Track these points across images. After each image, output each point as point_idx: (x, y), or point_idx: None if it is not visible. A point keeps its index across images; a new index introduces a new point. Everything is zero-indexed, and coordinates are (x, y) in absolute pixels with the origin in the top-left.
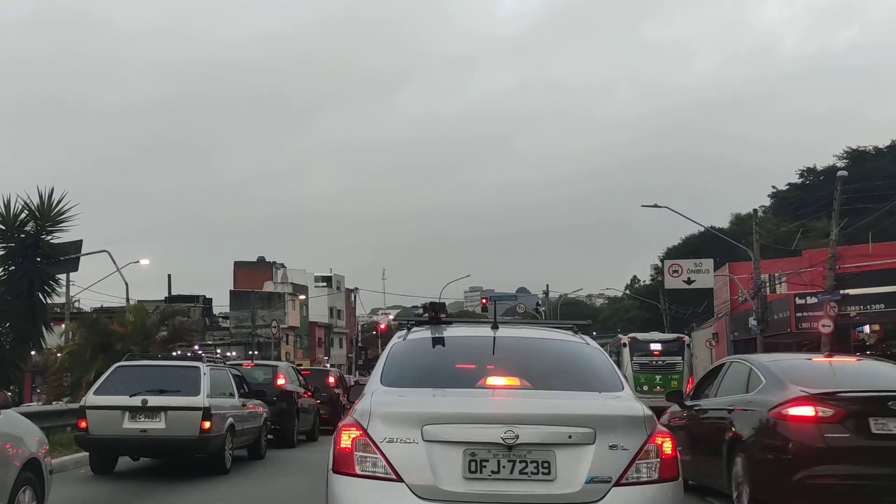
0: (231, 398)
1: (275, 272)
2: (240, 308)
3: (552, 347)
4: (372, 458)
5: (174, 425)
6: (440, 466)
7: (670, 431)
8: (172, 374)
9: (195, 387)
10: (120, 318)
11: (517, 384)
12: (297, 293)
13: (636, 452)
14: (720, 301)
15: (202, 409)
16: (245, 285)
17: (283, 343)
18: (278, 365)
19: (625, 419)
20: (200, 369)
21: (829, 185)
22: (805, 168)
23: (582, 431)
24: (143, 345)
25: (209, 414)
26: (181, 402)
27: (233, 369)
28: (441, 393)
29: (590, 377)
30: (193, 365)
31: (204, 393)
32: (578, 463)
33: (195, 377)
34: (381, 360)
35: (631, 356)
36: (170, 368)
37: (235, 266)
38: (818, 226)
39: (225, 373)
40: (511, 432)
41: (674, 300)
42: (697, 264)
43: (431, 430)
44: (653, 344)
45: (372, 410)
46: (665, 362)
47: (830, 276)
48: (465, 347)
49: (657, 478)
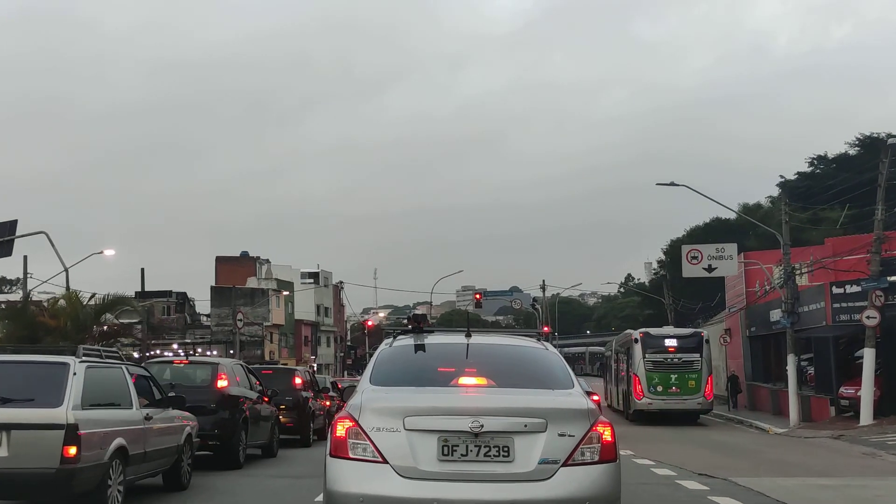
0: (126, 409)
1: (259, 267)
2: (221, 305)
3: (515, 352)
4: (362, 444)
5: (21, 452)
6: (419, 451)
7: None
8: (25, 375)
9: (57, 393)
10: (52, 308)
11: (484, 383)
12: (281, 290)
13: (580, 439)
14: (733, 294)
15: (65, 428)
16: (228, 281)
17: (268, 341)
18: (219, 362)
19: (572, 412)
20: (69, 367)
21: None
22: (815, 156)
23: (536, 422)
24: (77, 340)
25: (75, 435)
26: (32, 418)
27: (137, 368)
28: (420, 391)
29: (546, 377)
30: (58, 361)
31: (70, 402)
32: (532, 447)
33: (59, 379)
34: (371, 364)
35: (643, 354)
36: (21, 366)
37: (217, 261)
38: (831, 216)
39: (118, 372)
40: (477, 422)
41: (678, 294)
42: (719, 249)
43: (412, 420)
44: (668, 340)
45: (363, 405)
46: (682, 360)
47: (876, 261)
48: (442, 353)
49: (598, 459)
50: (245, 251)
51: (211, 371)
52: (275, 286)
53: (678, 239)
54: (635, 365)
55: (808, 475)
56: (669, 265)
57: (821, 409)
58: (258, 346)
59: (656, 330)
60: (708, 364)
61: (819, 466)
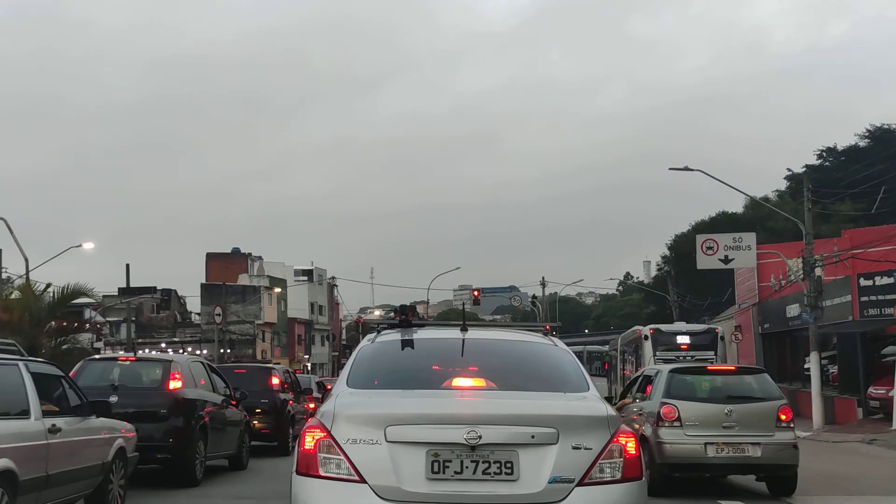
0: (18, 419)
1: (250, 264)
2: (212, 303)
3: (519, 349)
4: (335, 459)
5: None
6: (403, 467)
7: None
8: None
9: None
10: (4, 301)
11: (482, 385)
12: (274, 287)
13: (599, 452)
14: (744, 289)
15: None
16: (219, 278)
17: (260, 340)
18: (173, 359)
19: (588, 419)
20: None
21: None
22: (824, 148)
23: (545, 431)
24: (31, 335)
25: None
26: None
27: (46, 365)
28: (406, 394)
29: (555, 378)
30: None
31: None
32: (541, 463)
33: None
34: (349, 363)
35: (654, 351)
36: None
37: (208, 258)
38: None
39: (10, 371)
40: (474, 433)
41: (683, 290)
42: (737, 239)
43: (394, 431)
44: (680, 337)
45: (336, 412)
46: (695, 358)
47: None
48: (433, 349)
49: (620, 477)
50: (237, 247)
51: (162, 370)
52: (267, 283)
53: (683, 234)
54: (645, 363)
55: (871, 492)
56: (674, 260)
57: (846, 411)
58: (250, 345)
59: (667, 326)
60: (723, 362)
61: (878, 479)
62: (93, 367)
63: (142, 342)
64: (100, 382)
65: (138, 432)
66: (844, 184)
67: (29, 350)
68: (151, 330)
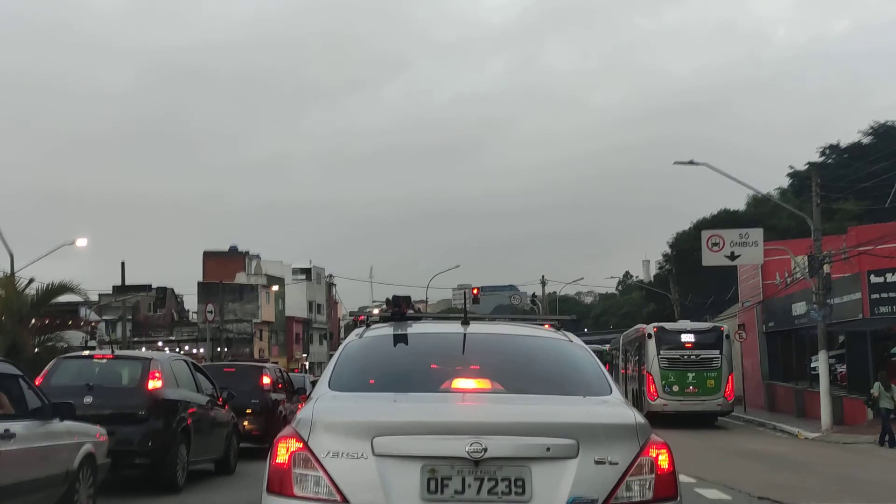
0: None
1: (248, 263)
2: (209, 301)
3: (530, 345)
4: (313, 475)
5: None
6: (393, 486)
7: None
8: None
9: None
10: None
11: (488, 387)
12: (271, 285)
13: (627, 467)
14: (748, 287)
15: None
16: (216, 277)
17: (257, 339)
18: (152, 357)
19: (613, 428)
20: None
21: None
22: (827, 145)
23: (562, 443)
24: (13, 333)
25: None
26: None
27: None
28: (397, 398)
29: (573, 379)
30: None
31: None
32: (558, 481)
33: None
34: (332, 362)
35: (657, 350)
36: None
37: (205, 256)
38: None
39: None
40: (478, 445)
41: (684, 289)
42: (743, 235)
43: (383, 442)
44: (684, 335)
45: (314, 419)
46: (700, 357)
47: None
48: (430, 346)
49: (651, 497)
50: (234, 245)
51: (141, 369)
52: (265, 282)
53: (685, 232)
54: (648, 363)
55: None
56: (675, 258)
57: (855, 412)
58: (248, 344)
59: (671, 324)
60: (728, 362)
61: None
62: (67, 365)
63: (138, 341)
64: (74, 382)
65: (115, 435)
66: (848, 180)
67: (10, 348)
68: (148, 328)
